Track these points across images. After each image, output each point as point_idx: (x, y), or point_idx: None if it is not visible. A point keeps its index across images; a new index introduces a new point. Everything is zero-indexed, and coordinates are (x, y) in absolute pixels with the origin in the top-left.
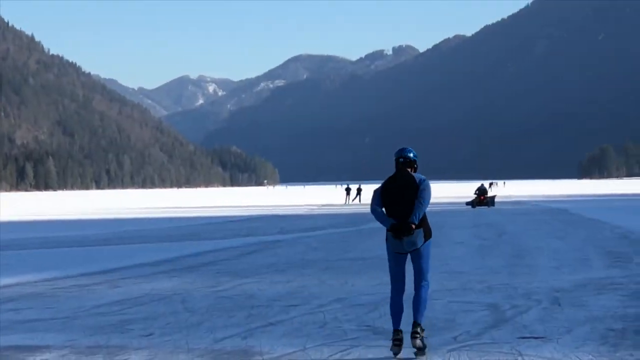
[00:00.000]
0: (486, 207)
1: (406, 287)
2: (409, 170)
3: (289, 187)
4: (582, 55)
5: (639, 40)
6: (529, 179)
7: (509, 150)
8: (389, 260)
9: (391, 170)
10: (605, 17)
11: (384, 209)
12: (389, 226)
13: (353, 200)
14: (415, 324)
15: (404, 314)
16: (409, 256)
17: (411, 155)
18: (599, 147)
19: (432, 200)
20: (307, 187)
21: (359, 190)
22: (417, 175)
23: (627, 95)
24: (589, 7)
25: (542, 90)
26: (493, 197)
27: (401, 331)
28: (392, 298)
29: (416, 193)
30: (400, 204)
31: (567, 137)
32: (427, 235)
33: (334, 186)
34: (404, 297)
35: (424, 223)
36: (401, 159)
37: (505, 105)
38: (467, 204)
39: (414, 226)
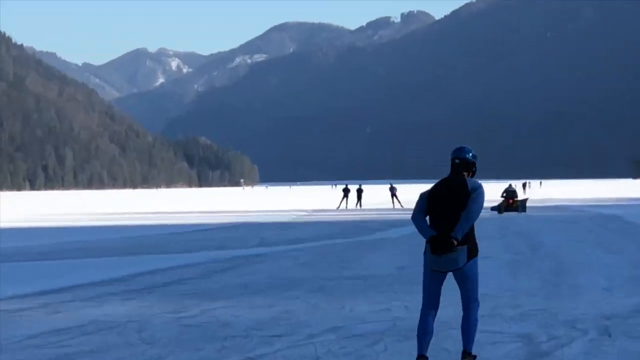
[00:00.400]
0: (516, 212)
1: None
2: (465, 174)
3: (270, 187)
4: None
5: None
6: (569, 179)
7: (546, 143)
8: (424, 276)
9: (401, 168)
10: None
11: (428, 217)
12: (428, 238)
13: (356, 204)
14: (465, 353)
15: (432, 340)
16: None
17: (469, 156)
18: None
19: None
20: (293, 187)
21: (359, 192)
22: (471, 182)
23: None
24: None
25: (588, 66)
26: (524, 201)
27: (427, 358)
28: (421, 318)
29: (465, 202)
30: (445, 213)
31: (615, 129)
32: (472, 253)
33: (331, 187)
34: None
35: (469, 239)
36: (457, 160)
37: (543, 85)
38: (493, 209)
39: (456, 242)
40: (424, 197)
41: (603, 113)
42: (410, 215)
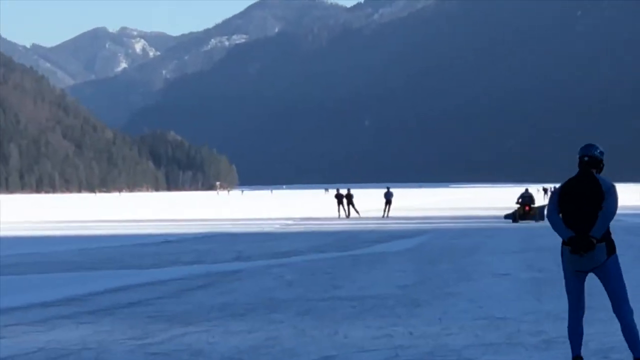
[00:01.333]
0: (533, 221)
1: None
2: (594, 171)
3: (249, 192)
4: None
5: None
6: None
7: (571, 141)
8: (566, 279)
9: (410, 168)
10: None
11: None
12: (567, 239)
13: (348, 212)
14: None
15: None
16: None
17: (597, 152)
18: None
19: (458, 213)
20: (277, 191)
21: (349, 197)
22: (603, 180)
23: None
24: None
25: (632, 49)
26: (542, 208)
27: (582, 358)
28: (570, 321)
29: (600, 202)
30: (576, 213)
31: None
32: (611, 250)
33: (323, 190)
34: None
35: (606, 236)
36: (586, 158)
37: (572, 74)
38: (507, 217)
39: (595, 241)
40: (555, 195)
41: None
42: (546, 214)
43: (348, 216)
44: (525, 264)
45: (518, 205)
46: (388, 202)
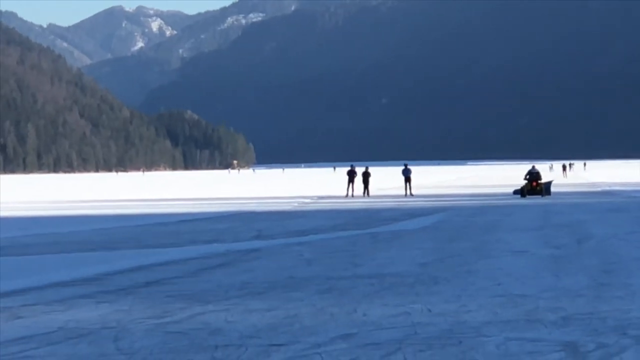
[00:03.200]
0: (540, 196)
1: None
2: None
3: (269, 170)
4: None
5: None
6: (618, 159)
7: (593, 117)
8: None
9: (427, 145)
10: None
11: None
12: None
13: (363, 192)
14: None
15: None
16: None
17: None
18: None
19: (475, 190)
20: (295, 170)
21: (366, 176)
22: None
23: None
24: None
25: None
26: (549, 184)
27: None
28: None
29: None
30: None
31: None
32: None
33: (333, 169)
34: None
35: None
36: None
37: (591, 47)
38: (515, 192)
39: None
40: None
41: None
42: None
43: (364, 194)
44: (543, 241)
45: (526, 182)
46: (407, 179)
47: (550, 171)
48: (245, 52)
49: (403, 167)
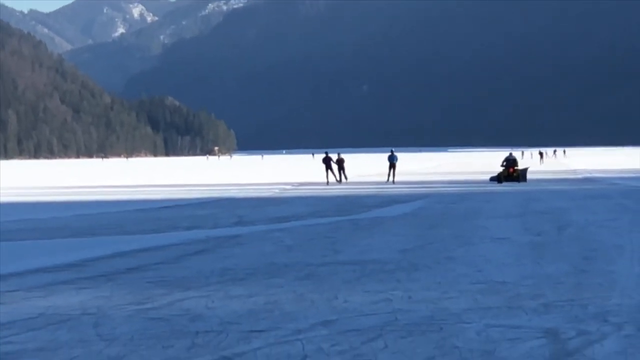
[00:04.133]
0: (516, 182)
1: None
2: None
3: (248, 156)
4: None
5: None
6: (597, 147)
7: (572, 104)
8: None
9: (408, 132)
10: None
11: None
12: None
13: (339, 178)
14: None
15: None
16: None
17: None
18: None
19: (456, 177)
20: (274, 156)
21: (340, 163)
22: None
23: None
24: None
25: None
26: (525, 170)
27: None
28: None
29: None
30: None
31: None
32: None
33: (311, 155)
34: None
35: None
36: None
37: (569, 38)
38: (492, 179)
39: None
40: None
41: None
42: None
43: (339, 181)
44: (523, 228)
45: (503, 168)
46: (392, 165)
47: (521, 158)
48: (227, 39)
49: (389, 153)
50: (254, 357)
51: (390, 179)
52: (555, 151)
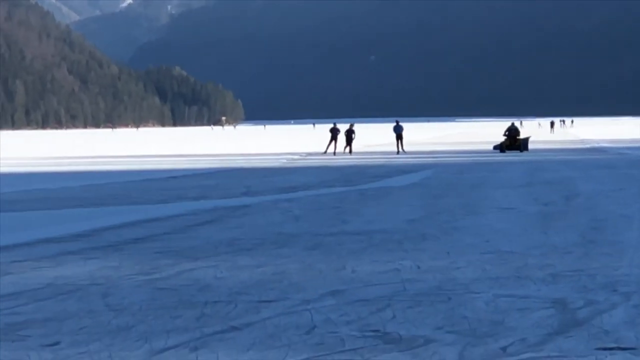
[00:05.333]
0: (518, 151)
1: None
2: None
3: (257, 126)
4: None
5: None
6: (605, 116)
7: (580, 73)
8: None
9: (416, 103)
10: None
11: None
12: None
13: (345, 148)
14: None
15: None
16: None
17: None
18: None
19: (463, 147)
20: (277, 127)
21: (349, 134)
22: None
23: None
24: None
25: None
26: (526, 140)
27: None
28: None
29: None
30: None
31: None
32: None
33: (312, 126)
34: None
35: None
36: None
37: (571, 8)
38: (495, 147)
39: None
40: None
41: None
42: None
43: (343, 152)
44: (531, 198)
45: (505, 137)
46: (399, 136)
47: (521, 127)
48: (234, 9)
49: (394, 124)
50: (262, 328)
51: (400, 149)
52: (562, 121)
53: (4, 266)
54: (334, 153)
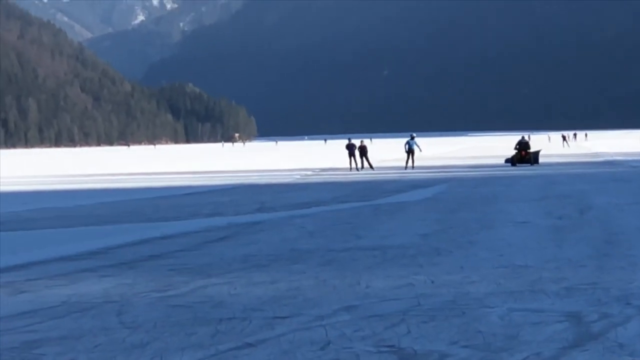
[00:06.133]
0: (529, 164)
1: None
2: None
3: (269, 143)
4: None
5: None
6: (619, 129)
7: (594, 86)
8: None
9: (429, 117)
10: None
11: None
12: None
13: (360, 166)
14: None
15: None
16: None
17: None
18: None
19: (477, 162)
20: (297, 142)
21: (362, 150)
22: None
23: None
24: None
25: None
26: (537, 153)
27: None
28: None
29: None
30: None
31: None
32: None
33: (324, 141)
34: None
35: None
36: None
37: (585, 22)
38: (507, 161)
39: None
40: None
41: None
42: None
43: (361, 168)
44: (544, 212)
45: (516, 151)
46: (410, 151)
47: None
48: (247, 25)
49: (409, 138)
50: (277, 344)
51: (410, 164)
52: (575, 134)
53: (19, 284)
54: (357, 168)
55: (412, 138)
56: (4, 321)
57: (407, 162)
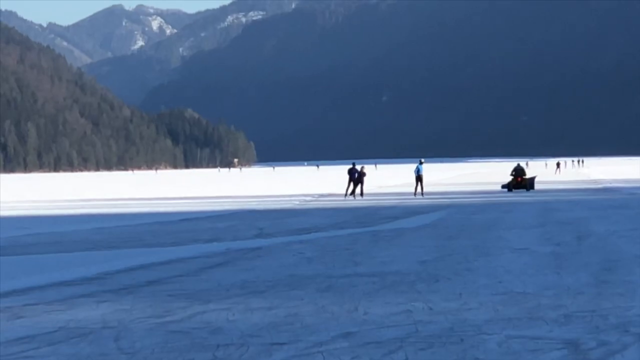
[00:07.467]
0: (524, 190)
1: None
2: None
3: (269, 168)
4: None
5: None
6: (616, 156)
7: (593, 113)
8: None
9: (428, 143)
10: None
11: None
12: None
13: (352, 192)
14: None
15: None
16: None
17: None
18: None
19: (476, 188)
20: (295, 168)
21: (360, 176)
22: None
23: None
24: None
25: None
26: (532, 179)
27: None
28: None
29: None
30: None
31: None
32: None
33: (316, 167)
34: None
35: None
36: None
37: (584, 50)
38: (503, 187)
39: None
40: None
41: None
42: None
43: (352, 194)
44: (543, 238)
45: (512, 177)
46: (419, 177)
47: (526, 168)
48: (246, 51)
49: (420, 161)
50: None
51: (419, 191)
52: (573, 161)
53: (17, 309)
54: (349, 194)
55: (421, 163)
56: (2, 347)
57: (415, 188)
